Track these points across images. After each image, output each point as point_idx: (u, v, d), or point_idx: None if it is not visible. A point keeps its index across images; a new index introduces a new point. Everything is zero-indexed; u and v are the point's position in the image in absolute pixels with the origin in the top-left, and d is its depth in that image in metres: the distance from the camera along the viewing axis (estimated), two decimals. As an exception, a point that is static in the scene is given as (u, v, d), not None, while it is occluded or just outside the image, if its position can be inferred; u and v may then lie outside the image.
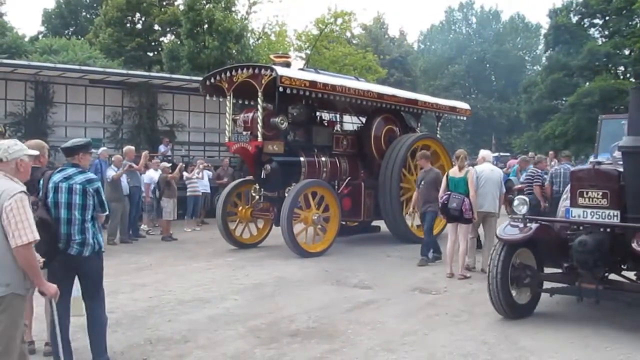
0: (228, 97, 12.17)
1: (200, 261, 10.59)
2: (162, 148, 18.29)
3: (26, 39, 33.90)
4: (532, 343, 5.96)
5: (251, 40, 32.39)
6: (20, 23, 72.56)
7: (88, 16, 42.31)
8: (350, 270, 9.73)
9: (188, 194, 15.59)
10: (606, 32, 35.51)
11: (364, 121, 14.09)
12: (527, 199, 7.02)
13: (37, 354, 5.54)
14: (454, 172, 9.52)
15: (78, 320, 5.21)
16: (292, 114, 12.20)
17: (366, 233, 13.73)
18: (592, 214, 6.49)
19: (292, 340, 6.06)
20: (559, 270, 6.93)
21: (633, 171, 6.34)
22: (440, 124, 16.27)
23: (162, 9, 35.46)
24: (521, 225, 6.75)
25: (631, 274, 6.73)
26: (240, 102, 13.23)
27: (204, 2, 28.53)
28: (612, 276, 6.86)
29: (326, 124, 13.75)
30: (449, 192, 9.23)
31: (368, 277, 9.19)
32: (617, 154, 7.58)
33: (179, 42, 30.05)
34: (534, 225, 6.72)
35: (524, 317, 6.85)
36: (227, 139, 12.52)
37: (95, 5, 40.99)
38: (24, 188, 3.95)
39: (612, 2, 33.12)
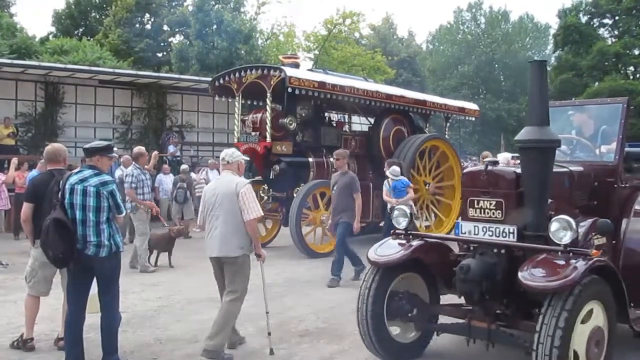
0: (237, 98, 12.22)
1: (208, 261, 10.61)
2: (171, 148, 18.37)
3: (36, 40, 34.06)
4: None
5: (260, 41, 32.44)
6: (30, 23, 73.06)
7: (98, 17, 42.47)
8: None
9: (196, 195, 15.65)
10: (616, 32, 35.35)
11: (372, 122, 14.10)
12: (407, 210, 5.52)
13: (48, 351, 5.61)
14: None
15: (89, 319, 5.26)
16: (300, 114, 12.24)
17: (374, 234, 13.71)
18: (485, 229, 4.98)
19: (301, 340, 6.09)
20: (458, 301, 5.43)
21: (532, 173, 4.88)
22: (448, 124, 16.25)
23: (171, 10, 35.59)
24: (403, 242, 5.31)
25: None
26: (249, 102, 13.27)
27: (213, 2, 28.63)
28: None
29: (335, 125, 13.78)
30: None
31: (376, 278, 9.18)
32: (563, 146, 6.18)
33: (188, 43, 30.16)
34: (415, 243, 5.24)
35: (413, 359, 5.52)
36: (235, 140, 12.57)
37: (104, 5, 41.14)
38: (249, 181, 5.62)
39: (622, 2, 32.97)
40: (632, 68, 35.17)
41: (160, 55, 36.63)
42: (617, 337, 4.82)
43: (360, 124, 15.93)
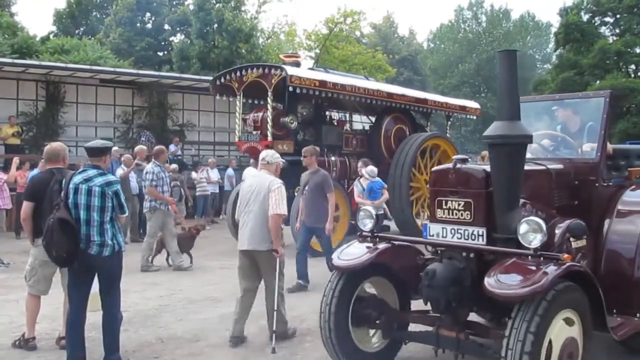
0: (238, 97, 12.22)
1: (211, 260, 10.64)
2: (172, 147, 18.35)
3: (37, 39, 34.05)
4: None
5: (260, 40, 32.43)
6: (31, 23, 73.20)
7: (99, 16, 42.49)
8: (360, 269, 9.72)
9: (197, 194, 15.70)
10: (617, 31, 35.25)
11: (373, 120, 14.09)
12: (372, 211, 5.15)
13: (50, 350, 5.62)
14: None
15: (91, 318, 5.26)
16: (301, 113, 12.26)
17: (376, 232, 13.72)
18: (453, 232, 4.68)
19: (303, 340, 6.10)
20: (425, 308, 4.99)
21: (501, 171, 4.51)
22: (450, 123, 16.25)
23: (172, 9, 35.59)
24: (370, 245, 4.96)
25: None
26: (250, 101, 13.27)
27: (214, 1, 28.62)
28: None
29: (336, 124, 13.78)
30: None
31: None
32: (546, 142, 6.03)
33: (188, 42, 30.18)
34: (381, 246, 4.91)
35: None
36: (237, 139, 12.57)
37: (105, 5, 41.16)
38: (281, 181, 6.02)
39: (623, 0, 32.89)
40: (633, 66, 35.07)
41: (161, 54, 36.67)
42: (601, 342, 4.63)
43: (361, 122, 15.92)
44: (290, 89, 11.03)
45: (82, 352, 5.04)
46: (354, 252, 4.91)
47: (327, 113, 13.69)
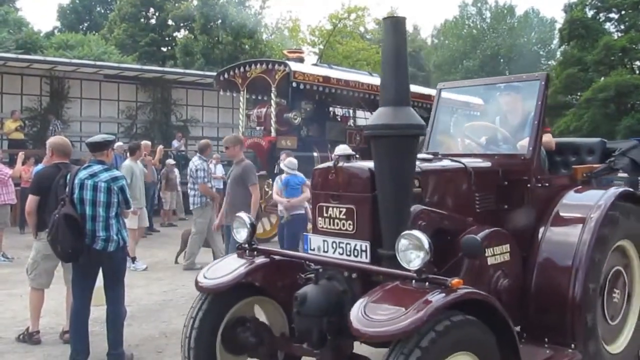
0: (242, 93, 12.24)
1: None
2: (175, 143, 18.38)
3: (42, 35, 34.13)
4: None
5: (264, 36, 32.43)
6: (35, 18, 73.29)
7: (102, 11, 42.54)
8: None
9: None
10: (622, 27, 35.14)
11: (377, 116, 14.09)
12: (246, 219, 4.16)
13: (54, 344, 5.64)
14: None
15: (95, 312, 5.28)
16: (305, 109, 12.26)
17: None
18: (335, 245, 3.74)
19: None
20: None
21: (385, 170, 3.56)
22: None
23: (176, 4, 35.60)
24: (245, 261, 4.00)
25: None
26: (253, 97, 13.28)
27: (218, -3, 28.62)
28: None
29: (339, 119, 13.77)
30: None
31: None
32: (482, 139, 5.13)
33: (192, 38, 30.19)
34: (257, 262, 3.98)
35: None
36: (240, 134, 12.58)
37: (109, 0, 41.20)
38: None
39: (628, -3, 32.80)
40: (638, 63, 34.97)
41: (165, 49, 36.66)
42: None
43: (364, 118, 15.90)
44: (294, 84, 11.05)
45: (85, 347, 5.05)
46: (223, 269, 3.96)
47: (330, 109, 13.69)
